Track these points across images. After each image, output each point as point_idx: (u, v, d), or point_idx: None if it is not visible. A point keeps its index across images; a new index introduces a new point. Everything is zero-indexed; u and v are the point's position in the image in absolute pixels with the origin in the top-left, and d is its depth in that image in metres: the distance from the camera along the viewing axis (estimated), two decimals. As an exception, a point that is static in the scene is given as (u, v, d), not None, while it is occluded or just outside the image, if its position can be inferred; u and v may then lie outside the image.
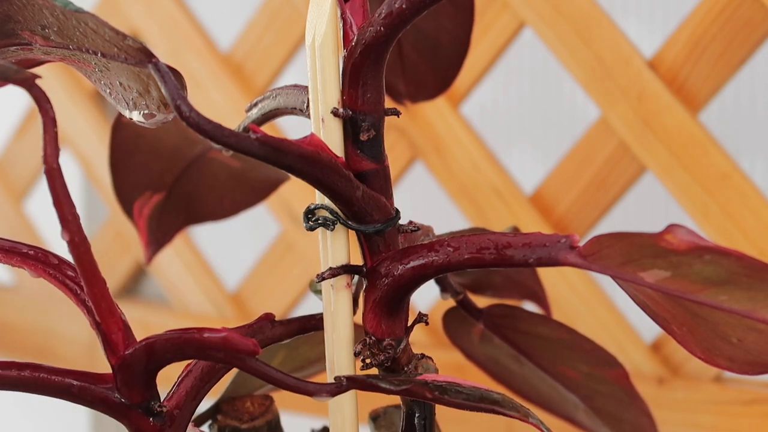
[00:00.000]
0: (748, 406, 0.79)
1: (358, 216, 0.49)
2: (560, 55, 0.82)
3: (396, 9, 0.47)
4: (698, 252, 0.42)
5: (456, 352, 0.65)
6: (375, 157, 0.49)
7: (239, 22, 0.99)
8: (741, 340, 0.44)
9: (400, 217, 0.51)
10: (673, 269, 0.43)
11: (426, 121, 0.88)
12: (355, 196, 0.49)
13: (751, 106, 0.88)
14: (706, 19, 0.78)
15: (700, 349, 0.45)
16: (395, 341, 0.50)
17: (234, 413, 0.58)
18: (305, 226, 0.50)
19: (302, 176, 0.48)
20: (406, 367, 0.51)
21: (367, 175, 0.49)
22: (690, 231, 0.43)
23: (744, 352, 0.45)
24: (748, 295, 0.43)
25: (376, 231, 0.50)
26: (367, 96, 0.49)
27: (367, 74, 0.48)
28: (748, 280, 0.42)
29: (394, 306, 0.50)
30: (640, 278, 0.43)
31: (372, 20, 0.48)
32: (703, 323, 0.44)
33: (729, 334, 0.44)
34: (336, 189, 0.49)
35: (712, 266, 0.42)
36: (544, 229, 0.85)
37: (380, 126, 0.50)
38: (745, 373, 0.45)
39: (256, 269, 1.00)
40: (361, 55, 0.48)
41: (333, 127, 0.49)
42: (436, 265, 0.48)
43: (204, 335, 0.47)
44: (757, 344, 0.44)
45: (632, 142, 0.81)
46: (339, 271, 0.50)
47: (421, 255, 0.49)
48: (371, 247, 0.50)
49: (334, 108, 0.49)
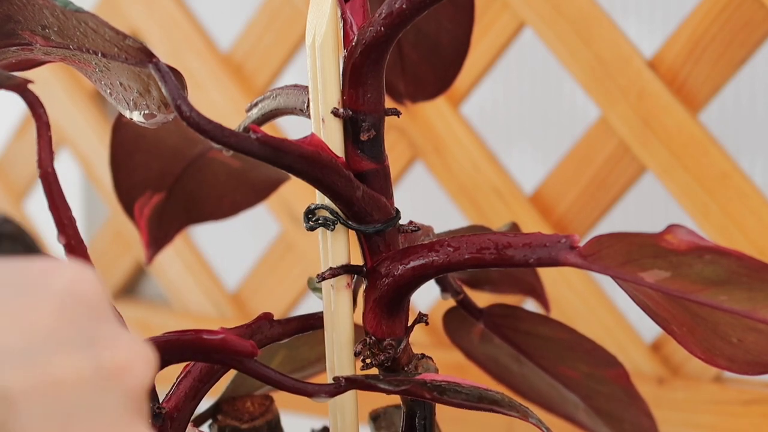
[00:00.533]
0: (748, 406, 0.79)
1: (358, 216, 0.49)
2: (560, 55, 0.82)
3: (396, 9, 0.47)
4: (698, 252, 0.42)
5: (456, 351, 0.64)
6: (375, 157, 0.49)
7: (239, 22, 0.99)
8: (741, 340, 0.44)
9: (400, 217, 0.51)
10: (673, 269, 0.43)
11: (426, 121, 0.88)
12: (356, 196, 0.49)
13: (751, 106, 0.88)
14: (706, 19, 0.78)
15: (700, 349, 0.45)
16: (395, 341, 0.50)
17: (234, 413, 0.58)
18: (305, 226, 0.50)
19: (302, 176, 0.48)
20: (406, 367, 0.51)
21: (367, 175, 0.49)
22: (690, 231, 0.43)
23: (744, 352, 0.45)
24: (749, 295, 0.43)
25: (377, 231, 0.50)
26: (367, 96, 0.49)
27: (368, 74, 0.48)
28: (748, 280, 0.42)
29: (395, 306, 0.50)
30: (641, 278, 0.43)
31: (372, 20, 0.47)
32: (703, 323, 0.44)
33: (729, 334, 0.44)
34: (336, 189, 0.48)
35: (712, 266, 0.42)
36: (544, 229, 0.85)
37: (380, 126, 0.50)
38: (745, 373, 0.45)
39: (256, 269, 1.00)
40: (362, 55, 0.48)
41: (333, 127, 0.49)
42: (436, 265, 0.48)
43: (203, 337, 0.47)
44: (757, 344, 0.44)
45: (632, 142, 0.81)
46: (339, 271, 0.50)
47: (422, 255, 0.48)
48: (371, 247, 0.50)
49: (334, 108, 0.49)
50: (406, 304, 0.51)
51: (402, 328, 0.51)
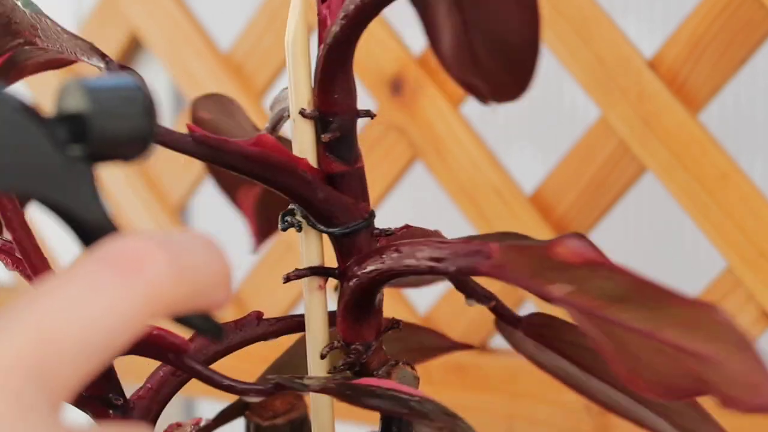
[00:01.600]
0: (748, 406, 0.79)
1: (323, 218, 0.49)
2: (560, 55, 0.82)
3: (351, 10, 0.47)
4: (592, 267, 0.40)
5: (457, 352, 0.64)
6: (345, 158, 0.49)
7: (239, 22, 0.99)
8: (650, 362, 0.40)
9: (372, 220, 0.50)
10: (576, 284, 0.41)
11: (426, 121, 0.88)
12: (316, 198, 0.48)
13: (751, 106, 0.88)
14: (706, 19, 0.78)
15: (625, 369, 0.41)
16: (363, 346, 0.50)
17: (260, 410, 0.57)
18: (280, 226, 0.50)
19: (250, 176, 0.47)
20: (376, 372, 0.50)
21: (336, 177, 0.49)
22: (583, 243, 0.40)
23: (656, 375, 0.41)
24: (649, 314, 0.40)
25: (343, 234, 0.49)
26: (334, 96, 0.48)
27: (334, 75, 0.48)
28: (642, 299, 0.40)
29: (362, 310, 0.49)
30: (549, 292, 0.41)
31: (334, 21, 0.47)
32: (617, 342, 0.41)
33: (640, 355, 0.41)
34: (291, 190, 0.48)
35: (610, 282, 0.40)
36: (544, 229, 0.85)
37: (350, 127, 0.49)
38: (665, 398, 0.41)
39: (256, 269, 1.00)
40: (326, 56, 0.47)
41: (303, 128, 0.49)
42: (384, 270, 0.47)
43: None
44: (667, 367, 0.40)
45: (632, 142, 0.81)
46: (305, 272, 0.50)
47: (375, 259, 0.48)
48: (342, 250, 0.50)
49: (302, 109, 0.48)
50: (375, 308, 0.50)
51: (372, 333, 0.50)
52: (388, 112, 0.90)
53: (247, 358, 0.60)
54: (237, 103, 0.66)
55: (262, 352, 0.57)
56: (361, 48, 0.46)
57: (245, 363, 0.60)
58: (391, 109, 0.89)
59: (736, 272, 0.79)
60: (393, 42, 0.89)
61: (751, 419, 0.80)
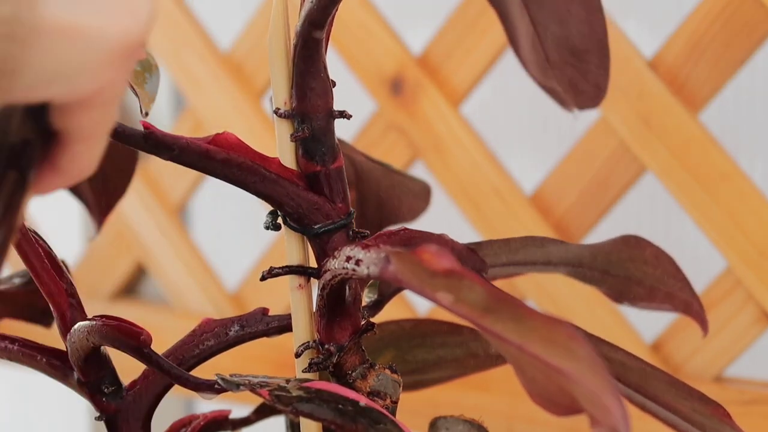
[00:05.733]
0: (748, 406, 0.79)
1: (296, 218, 0.49)
2: (560, 55, 0.82)
3: (308, 11, 0.47)
4: (456, 277, 0.39)
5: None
6: (318, 159, 0.49)
7: (239, 22, 0.99)
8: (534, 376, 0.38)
9: (350, 221, 0.50)
10: (453, 293, 0.39)
11: (426, 121, 0.88)
12: (286, 197, 0.49)
13: (751, 106, 0.88)
14: (706, 19, 0.78)
15: (525, 380, 0.39)
16: (335, 347, 0.50)
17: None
18: (263, 225, 0.50)
19: (213, 175, 0.48)
20: (350, 374, 0.50)
21: (312, 177, 0.49)
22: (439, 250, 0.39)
23: (542, 390, 0.39)
24: (515, 327, 0.38)
25: (316, 234, 0.49)
26: (307, 96, 0.48)
27: (305, 74, 0.48)
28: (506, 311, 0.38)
29: (335, 311, 0.49)
30: (439, 299, 0.39)
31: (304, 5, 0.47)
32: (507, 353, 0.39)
33: (525, 369, 0.39)
34: (257, 189, 0.48)
35: (474, 293, 0.39)
36: (544, 229, 0.85)
37: (324, 127, 0.49)
38: (557, 414, 0.39)
39: (256, 269, 1.00)
40: (297, 56, 0.48)
41: (282, 128, 0.49)
42: (341, 274, 0.47)
43: (105, 324, 0.48)
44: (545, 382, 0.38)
45: (632, 142, 0.81)
46: (279, 271, 0.50)
47: (327, 262, 0.48)
48: (318, 250, 0.50)
49: (276, 108, 0.49)
50: (348, 310, 0.50)
51: (345, 335, 0.50)
52: (388, 112, 0.90)
53: (248, 358, 0.60)
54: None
55: (262, 352, 0.57)
56: (361, 48, 0.46)
57: (245, 363, 0.60)
58: (391, 109, 0.89)
59: (736, 272, 0.79)
60: (393, 42, 0.89)
61: (751, 419, 0.80)
